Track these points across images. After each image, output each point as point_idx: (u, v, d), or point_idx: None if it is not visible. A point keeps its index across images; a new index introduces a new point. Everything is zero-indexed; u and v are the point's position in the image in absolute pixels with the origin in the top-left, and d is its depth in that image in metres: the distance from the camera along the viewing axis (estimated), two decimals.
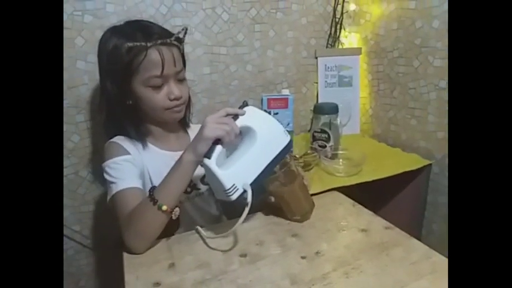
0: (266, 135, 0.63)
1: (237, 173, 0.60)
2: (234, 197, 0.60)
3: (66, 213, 0.98)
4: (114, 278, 1.05)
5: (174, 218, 0.61)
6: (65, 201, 0.97)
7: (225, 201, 0.62)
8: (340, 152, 1.00)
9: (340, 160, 0.98)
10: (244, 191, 0.60)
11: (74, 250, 1.03)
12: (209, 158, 0.59)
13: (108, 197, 0.67)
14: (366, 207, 0.76)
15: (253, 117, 0.64)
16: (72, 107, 0.92)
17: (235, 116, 0.62)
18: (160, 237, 0.65)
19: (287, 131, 1.01)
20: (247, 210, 0.58)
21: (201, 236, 0.66)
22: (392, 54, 1.12)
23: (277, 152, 0.64)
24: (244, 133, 0.64)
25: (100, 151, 0.96)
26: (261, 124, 0.64)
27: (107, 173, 0.68)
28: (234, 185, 0.59)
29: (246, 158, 0.62)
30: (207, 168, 0.59)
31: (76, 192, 0.98)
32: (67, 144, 0.94)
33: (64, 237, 0.99)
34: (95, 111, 0.95)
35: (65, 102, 0.91)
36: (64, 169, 0.95)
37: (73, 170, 0.96)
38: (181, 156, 0.62)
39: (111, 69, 0.70)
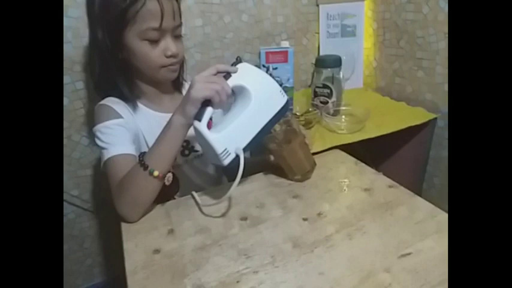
0: (261, 96, 0.59)
1: (229, 136, 0.56)
2: (226, 162, 0.56)
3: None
4: (117, 238, 1.07)
5: (167, 183, 0.59)
6: None
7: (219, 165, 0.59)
8: (343, 108, 0.96)
9: (343, 116, 0.94)
10: (237, 156, 0.57)
11: (75, 214, 1.03)
12: (199, 120, 0.55)
13: (101, 163, 0.64)
14: (367, 162, 0.74)
15: (247, 75, 0.58)
16: None
17: (227, 74, 0.57)
18: (160, 202, 0.63)
19: (287, 87, 0.97)
20: (239, 176, 0.55)
21: (196, 201, 0.64)
22: (400, 0, 1.02)
23: (273, 114, 0.60)
24: (237, 93, 0.59)
25: (91, 113, 0.92)
26: (255, 83, 0.59)
27: (98, 138, 0.65)
28: (226, 149, 0.56)
29: (238, 121, 0.57)
30: (198, 132, 0.56)
31: (71, 157, 0.95)
32: None
33: (64, 202, 0.99)
34: (82, 71, 0.89)
35: None
36: None
37: (65, 134, 0.93)
38: (170, 119, 0.58)
39: (103, 18, 0.63)
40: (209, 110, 0.55)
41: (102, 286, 1.16)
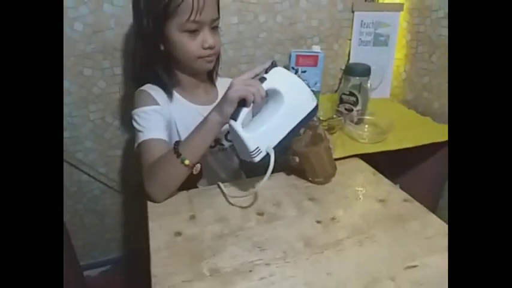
0: (293, 100, 0.62)
1: (261, 136, 0.60)
2: (257, 159, 0.61)
3: (92, 156, 1.03)
4: (135, 216, 1.13)
5: (194, 172, 0.63)
6: (92, 144, 1.02)
7: (247, 161, 0.63)
8: (367, 117, 0.97)
9: (366, 126, 0.95)
10: (267, 154, 0.60)
11: (100, 190, 1.09)
12: (235, 120, 0.59)
13: (135, 144, 0.69)
14: (386, 174, 0.76)
15: (280, 79, 0.62)
16: (98, 52, 0.92)
17: (262, 78, 0.60)
18: (183, 188, 0.67)
19: (313, 91, 0.99)
20: (269, 173, 0.59)
21: (222, 192, 0.68)
22: (436, 14, 1.02)
23: (302, 117, 0.63)
24: (270, 96, 0.63)
25: (126, 98, 0.98)
26: (288, 87, 0.62)
27: (135, 121, 0.70)
28: (258, 147, 0.60)
29: (271, 122, 0.61)
30: (233, 130, 0.60)
31: (103, 137, 1.02)
32: (93, 90, 0.95)
33: (91, 179, 1.06)
34: (122, 57, 0.94)
35: (91, 47, 0.90)
36: (91, 113, 0.98)
37: (99, 115, 0.99)
38: (207, 115, 0.62)
39: (148, 11, 0.68)
40: (244, 111, 0.59)
41: (117, 260, 1.23)
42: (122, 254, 1.24)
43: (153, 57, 0.72)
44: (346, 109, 0.97)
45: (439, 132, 0.95)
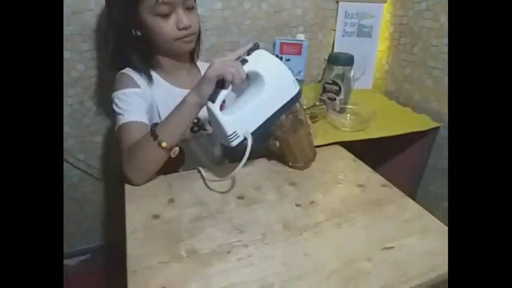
0: (274, 84, 0.61)
1: (239, 120, 0.59)
2: (234, 143, 0.59)
3: (70, 142, 1.00)
4: (116, 205, 1.10)
5: (173, 156, 0.62)
6: (70, 130, 0.98)
7: (226, 146, 0.62)
8: (349, 106, 0.98)
9: (348, 115, 0.96)
10: (245, 139, 0.60)
11: (79, 177, 1.07)
12: (213, 101, 0.57)
13: (116, 128, 0.68)
14: (366, 162, 0.77)
15: (262, 62, 0.60)
16: (77, 34, 0.88)
17: (244, 60, 0.59)
18: (165, 173, 0.66)
19: (297, 79, 0.99)
20: (245, 158, 0.58)
21: (202, 176, 0.67)
22: (419, 6, 1.03)
23: (284, 102, 0.62)
24: (252, 79, 0.61)
25: (105, 82, 0.95)
26: (270, 71, 0.61)
27: (115, 104, 0.68)
28: (235, 132, 0.59)
29: (250, 106, 0.60)
30: (210, 112, 0.59)
31: (81, 122, 0.99)
32: (72, 73, 0.92)
33: (69, 165, 1.03)
34: (102, 39, 0.91)
35: (69, 28, 0.87)
36: (68, 98, 0.95)
37: (78, 99, 0.96)
38: (185, 96, 0.61)
39: None
40: (223, 92, 0.58)
41: (96, 249, 1.21)
42: (102, 242, 1.22)
43: (124, 43, 0.71)
44: (329, 98, 0.98)
45: (419, 123, 0.97)
